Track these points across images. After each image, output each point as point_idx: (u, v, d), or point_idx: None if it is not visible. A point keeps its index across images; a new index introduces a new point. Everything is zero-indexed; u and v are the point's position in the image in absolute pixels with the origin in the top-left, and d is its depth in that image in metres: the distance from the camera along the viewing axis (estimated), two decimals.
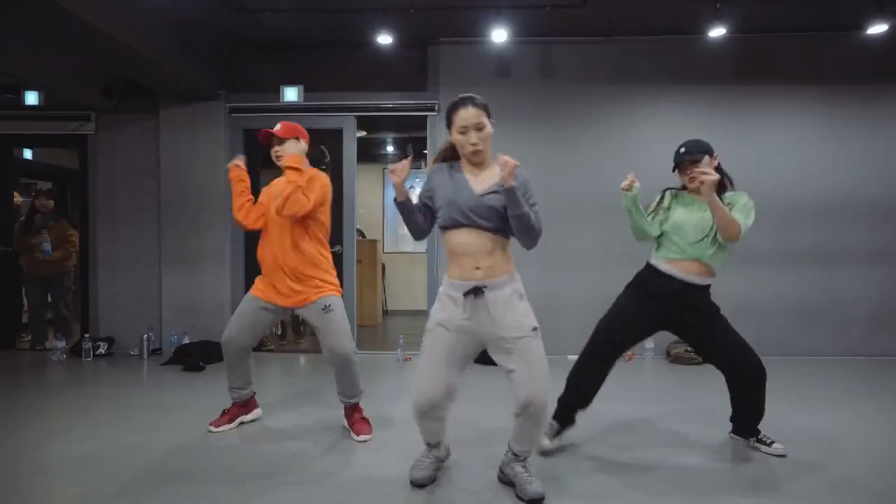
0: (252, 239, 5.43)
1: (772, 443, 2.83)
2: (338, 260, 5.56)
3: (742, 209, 2.62)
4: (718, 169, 2.70)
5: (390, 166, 2.24)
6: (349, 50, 5.30)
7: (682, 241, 2.68)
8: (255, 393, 3.33)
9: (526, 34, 4.92)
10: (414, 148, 5.92)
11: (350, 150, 5.49)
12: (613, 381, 2.90)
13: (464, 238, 2.20)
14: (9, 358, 5.29)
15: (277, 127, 3.02)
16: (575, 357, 2.89)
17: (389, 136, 7.98)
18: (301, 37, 5.14)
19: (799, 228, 5.16)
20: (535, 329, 2.22)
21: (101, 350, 5.27)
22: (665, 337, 5.02)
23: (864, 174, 5.13)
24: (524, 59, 5.18)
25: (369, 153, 8.21)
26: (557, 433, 2.84)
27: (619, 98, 5.18)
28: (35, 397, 3.98)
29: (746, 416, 2.89)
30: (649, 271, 2.78)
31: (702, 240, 2.65)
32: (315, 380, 4.46)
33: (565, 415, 2.85)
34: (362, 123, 5.68)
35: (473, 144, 2.21)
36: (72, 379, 4.58)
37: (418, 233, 2.33)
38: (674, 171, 2.79)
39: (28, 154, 7.29)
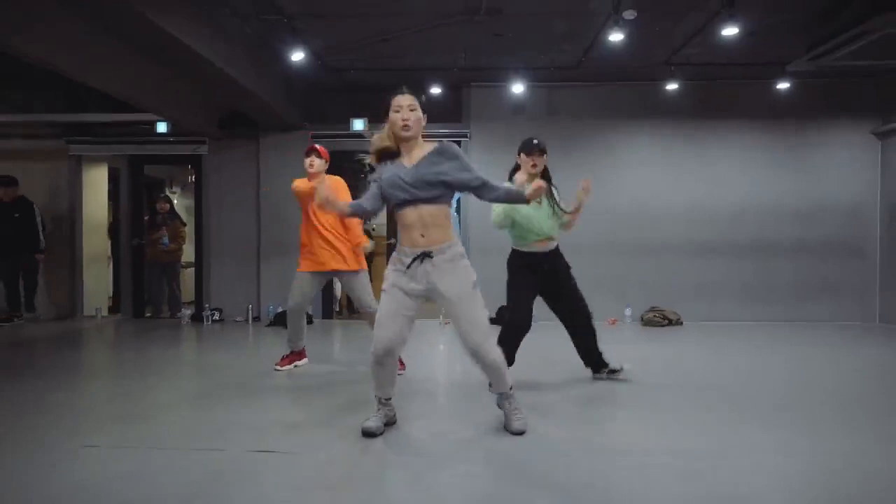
0: None
1: (620, 367, 3.83)
2: (392, 250, 7.30)
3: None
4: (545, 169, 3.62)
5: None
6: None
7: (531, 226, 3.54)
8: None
9: (535, 80, 6.63)
10: None
11: None
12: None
13: (409, 212, 2.57)
14: (148, 324, 7.04)
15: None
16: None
17: None
18: (368, 82, 6.87)
19: (741, 228, 6.89)
20: (474, 284, 2.63)
21: (215, 317, 7.00)
22: (641, 304, 6.78)
23: (789, 187, 6.86)
24: (534, 99, 6.91)
25: None
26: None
27: (602, 128, 6.90)
28: (193, 346, 5.73)
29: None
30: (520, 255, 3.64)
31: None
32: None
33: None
34: None
35: (404, 120, 2.56)
36: (204, 336, 6.32)
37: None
38: (520, 154, 3.56)
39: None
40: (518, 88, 6.34)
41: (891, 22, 4.10)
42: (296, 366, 4.38)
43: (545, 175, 3.62)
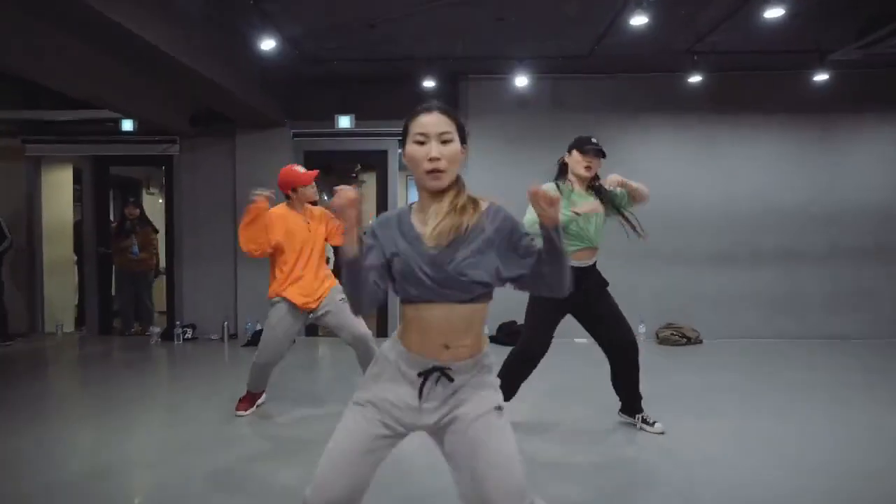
0: None
1: (654, 422, 3.26)
2: None
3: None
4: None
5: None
6: (393, 84, 6.33)
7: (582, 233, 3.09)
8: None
9: (540, 71, 5.94)
10: None
11: (393, 167, 6.58)
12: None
13: (432, 313, 1.54)
14: (113, 343, 6.39)
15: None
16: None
17: None
18: (354, 74, 6.19)
19: (766, 234, 6.24)
20: (499, 408, 1.59)
21: (188, 335, 6.35)
22: (655, 319, 6.14)
23: (822, 188, 6.20)
24: (538, 92, 6.22)
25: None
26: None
27: (614, 124, 6.24)
28: (159, 375, 5.09)
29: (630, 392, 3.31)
30: None
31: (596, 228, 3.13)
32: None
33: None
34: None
35: (432, 160, 1.52)
36: (175, 360, 5.68)
37: (369, 305, 1.58)
38: (570, 151, 3.20)
39: None
40: (521, 81, 5.66)
41: None
42: (258, 406, 3.78)
43: (596, 181, 3.18)
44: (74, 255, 7.24)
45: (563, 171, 3.25)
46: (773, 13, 3.86)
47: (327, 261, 3.84)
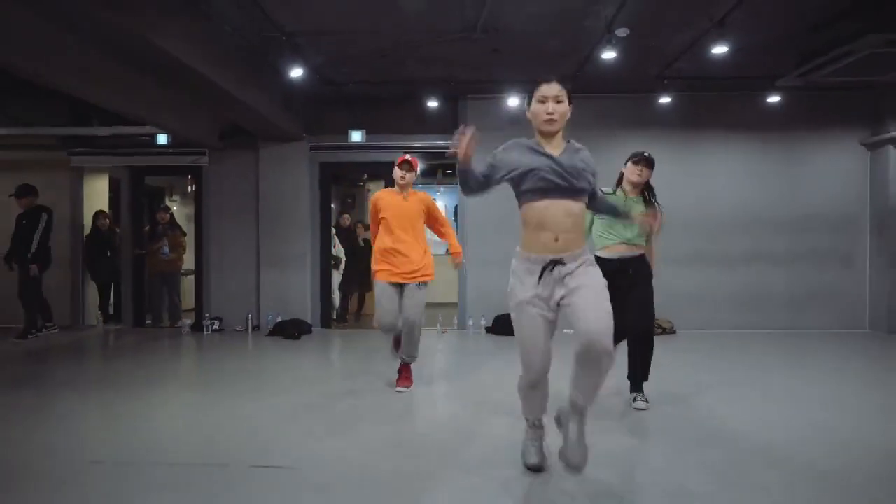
0: (325, 247, 7.25)
1: (637, 400, 3.64)
2: None
3: None
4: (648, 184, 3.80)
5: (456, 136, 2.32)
6: (400, 103, 7.12)
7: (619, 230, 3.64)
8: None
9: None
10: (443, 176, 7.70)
11: None
12: None
13: (549, 209, 2.29)
14: (149, 334, 7.10)
15: (408, 157, 4.07)
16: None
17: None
18: (366, 94, 6.96)
19: (734, 237, 6.99)
20: (605, 286, 2.32)
21: (216, 326, 7.07)
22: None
23: (781, 197, 6.97)
24: None
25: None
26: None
27: (597, 139, 6.95)
28: (193, 356, 5.81)
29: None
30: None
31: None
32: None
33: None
34: None
35: (549, 114, 2.35)
36: (204, 347, 6.40)
37: (474, 188, 2.44)
38: (626, 164, 3.80)
39: None
40: (514, 101, 6.44)
41: (874, 43, 4.23)
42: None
43: (648, 188, 3.79)
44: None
45: (619, 180, 3.85)
46: (719, 49, 4.63)
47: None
